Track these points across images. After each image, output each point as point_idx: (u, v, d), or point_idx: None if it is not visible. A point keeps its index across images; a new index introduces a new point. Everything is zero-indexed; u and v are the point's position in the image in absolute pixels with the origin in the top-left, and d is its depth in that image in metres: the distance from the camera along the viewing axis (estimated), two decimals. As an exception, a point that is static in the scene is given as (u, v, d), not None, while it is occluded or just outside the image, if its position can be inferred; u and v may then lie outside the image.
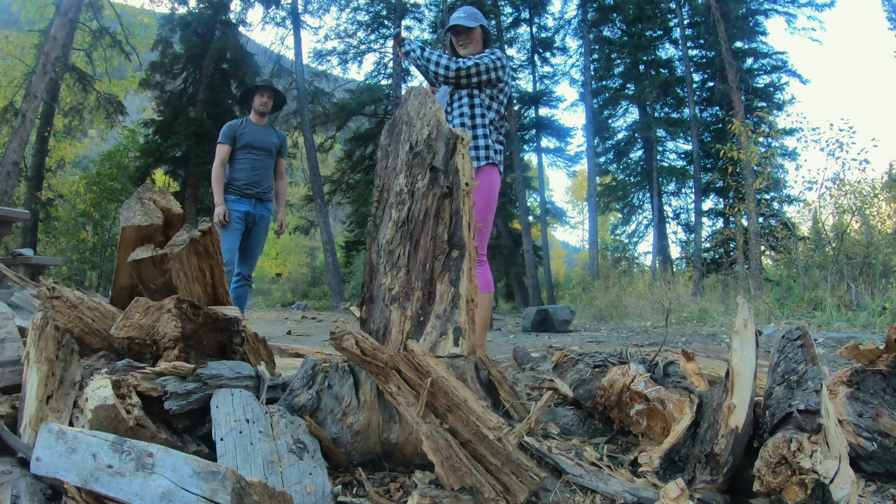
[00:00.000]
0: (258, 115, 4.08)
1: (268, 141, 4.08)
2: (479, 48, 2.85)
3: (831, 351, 3.70)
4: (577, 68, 20.50)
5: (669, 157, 19.53)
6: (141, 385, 1.12)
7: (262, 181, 4.05)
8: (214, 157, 3.94)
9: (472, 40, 2.82)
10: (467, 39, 2.82)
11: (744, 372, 1.10)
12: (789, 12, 16.12)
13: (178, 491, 0.77)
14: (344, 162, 19.39)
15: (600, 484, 1.07)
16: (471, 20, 2.80)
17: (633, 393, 1.35)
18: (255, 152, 4.00)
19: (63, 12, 11.21)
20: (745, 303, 1.20)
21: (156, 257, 1.48)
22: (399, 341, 1.36)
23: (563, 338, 6.13)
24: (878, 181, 8.74)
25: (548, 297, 17.07)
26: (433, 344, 1.32)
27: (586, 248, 23.82)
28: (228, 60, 16.25)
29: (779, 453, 0.98)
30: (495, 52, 2.74)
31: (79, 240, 16.06)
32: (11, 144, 10.57)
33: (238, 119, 4.13)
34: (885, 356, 1.35)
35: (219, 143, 3.98)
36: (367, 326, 1.45)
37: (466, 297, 1.37)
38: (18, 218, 4.91)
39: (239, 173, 3.97)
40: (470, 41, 2.82)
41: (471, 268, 1.42)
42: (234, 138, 3.98)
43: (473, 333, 1.38)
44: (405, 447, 1.20)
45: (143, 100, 21.81)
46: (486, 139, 2.71)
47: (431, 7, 19.44)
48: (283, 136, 4.31)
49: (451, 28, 2.83)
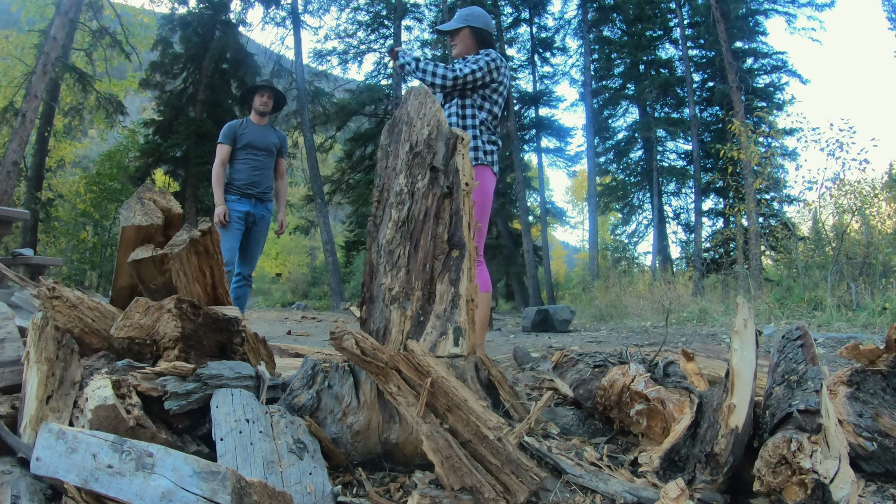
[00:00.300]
0: (258, 115, 4.08)
1: (268, 141, 4.07)
2: (471, 48, 2.88)
3: (831, 351, 3.70)
4: (577, 68, 20.52)
5: (669, 157, 19.54)
6: (141, 385, 1.12)
7: (263, 181, 4.05)
8: (214, 157, 3.94)
9: (458, 42, 2.90)
10: (453, 41, 2.92)
11: (744, 372, 1.10)
12: (789, 12, 16.12)
13: (178, 491, 0.77)
14: (344, 162, 19.40)
15: (600, 484, 1.07)
16: (455, 23, 2.89)
17: (633, 393, 1.35)
18: (255, 152, 4.00)
19: (63, 12, 11.21)
20: (746, 303, 1.20)
21: (156, 257, 1.48)
22: (399, 341, 1.36)
23: (563, 338, 6.13)
24: (878, 181, 8.75)
25: (548, 297, 17.07)
26: (433, 344, 1.32)
27: (586, 248, 23.82)
28: (228, 60, 16.26)
29: (779, 453, 0.98)
30: (490, 52, 2.76)
31: (79, 240, 16.07)
32: (11, 144, 10.57)
33: (238, 119, 4.13)
34: (885, 356, 1.35)
35: (219, 143, 3.97)
36: (367, 326, 1.45)
37: (466, 297, 1.37)
38: (18, 218, 4.91)
39: (239, 173, 3.97)
40: (456, 43, 2.90)
41: (471, 268, 1.42)
42: (235, 138, 3.98)
43: (473, 333, 1.38)
44: (405, 447, 1.20)
45: (143, 100, 21.81)
46: (476, 140, 2.72)
47: (431, 7, 19.45)
48: (284, 136, 4.31)
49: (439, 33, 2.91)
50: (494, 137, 2.84)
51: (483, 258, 2.78)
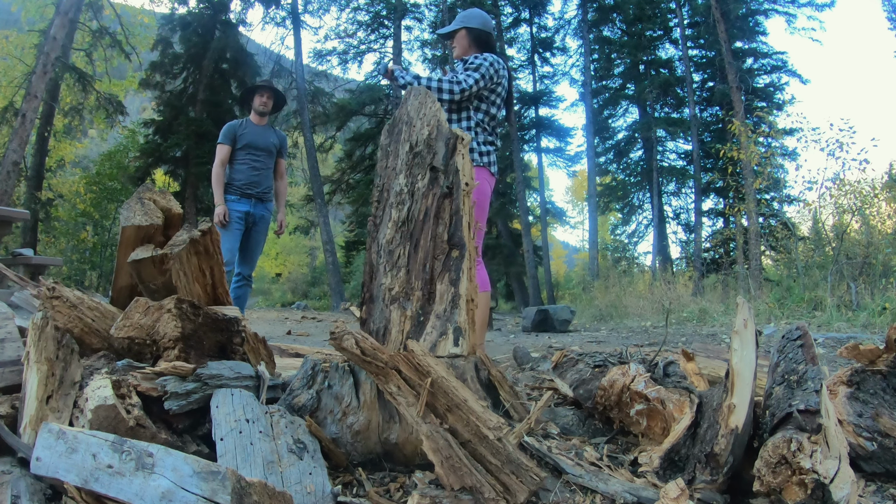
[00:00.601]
0: (258, 115, 4.08)
1: (268, 141, 4.08)
2: (468, 49, 2.93)
3: (831, 351, 3.70)
4: (577, 68, 20.52)
5: (669, 157, 19.53)
6: (141, 385, 1.12)
7: (263, 181, 4.05)
8: (214, 157, 3.95)
9: (456, 43, 2.96)
10: (452, 43, 3.00)
11: (744, 372, 1.10)
12: (789, 12, 16.12)
13: (178, 491, 0.77)
14: (344, 162, 19.39)
15: (600, 484, 1.07)
16: (452, 25, 2.96)
17: (633, 393, 1.35)
18: (255, 152, 4.00)
19: (63, 12, 11.21)
20: (745, 303, 1.20)
21: (156, 257, 1.48)
22: (399, 341, 1.36)
23: (563, 338, 6.13)
24: (878, 181, 8.75)
25: (548, 297, 17.07)
26: (433, 344, 1.32)
27: (586, 248, 23.81)
28: (228, 60, 16.25)
29: (779, 453, 0.98)
30: (487, 57, 2.78)
31: (79, 240, 16.08)
32: (11, 144, 10.58)
33: (238, 119, 4.13)
34: (885, 356, 1.35)
35: (219, 143, 3.97)
36: (367, 326, 1.45)
37: (466, 297, 1.37)
38: (18, 218, 4.91)
39: (239, 174, 3.97)
40: (455, 45, 2.97)
41: (471, 268, 1.42)
42: (235, 138, 3.98)
43: (473, 333, 1.38)
44: (405, 447, 1.20)
45: (143, 100, 21.80)
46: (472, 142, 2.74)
47: (431, 7, 19.45)
48: (284, 136, 4.32)
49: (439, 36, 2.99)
50: (491, 138, 2.85)
51: (482, 258, 2.80)
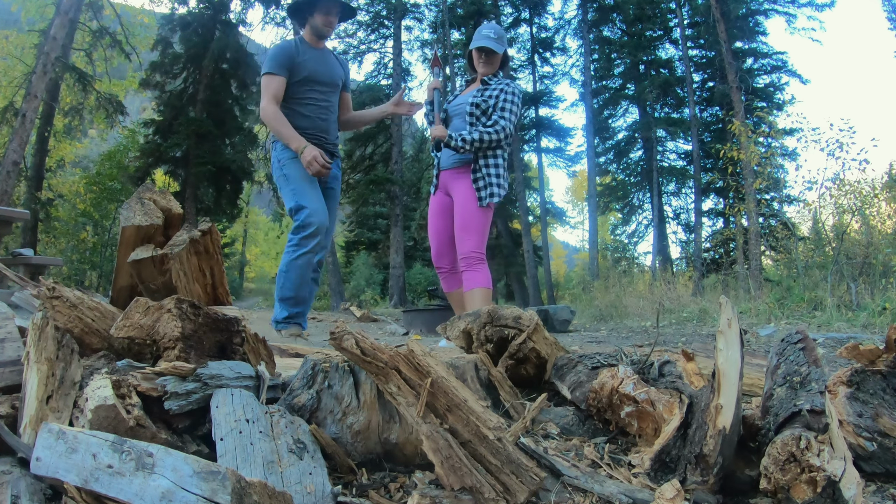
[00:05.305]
0: (318, 38, 2.99)
1: (333, 73, 3.03)
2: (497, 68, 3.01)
3: (831, 351, 3.70)
4: (577, 68, 20.54)
5: (669, 157, 19.56)
6: (141, 385, 1.12)
7: (332, 128, 3.05)
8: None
9: (493, 62, 2.97)
10: (489, 60, 2.96)
11: (729, 372, 1.10)
12: (789, 12, 16.13)
13: (178, 491, 0.77)
14: (344, 162, 19.39)
15: (595, 485, 1.07)
16: (500, 44, 2.96)
17: (622, 395, 1.35)
18: (320, 88, 2.97)
19: (63, 12, 11.22)
20: (729, 302, 1.19)
21: (156, 257, 1.48)
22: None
23: (563, 338, 6.13)
24: (878, 181, 8.76)
25: (548, 297, 17.08)
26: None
27: (586, 248, 23.82)
28: (228, 60, 16.25)
29: (788, 450, 0.98)
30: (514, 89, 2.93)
31: (79, 240, 16.09)
32: (11, 144, 10.58)
33: (289, 41, 3.03)
34: (885, 356, 1.34)
35: (269, 72, 2.84)
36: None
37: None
38: (18, 218, 4.91)
39: (300, 118, 2.90)
40: (491, 62, 2.97)
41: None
42: (292, 68, 2.88)
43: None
44: (405, 447, 1.20)
45: (143, 100, 21.78)
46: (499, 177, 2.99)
47: (431, 7, 19.45)
48: (347, 64, 3.28)
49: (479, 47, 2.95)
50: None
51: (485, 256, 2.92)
